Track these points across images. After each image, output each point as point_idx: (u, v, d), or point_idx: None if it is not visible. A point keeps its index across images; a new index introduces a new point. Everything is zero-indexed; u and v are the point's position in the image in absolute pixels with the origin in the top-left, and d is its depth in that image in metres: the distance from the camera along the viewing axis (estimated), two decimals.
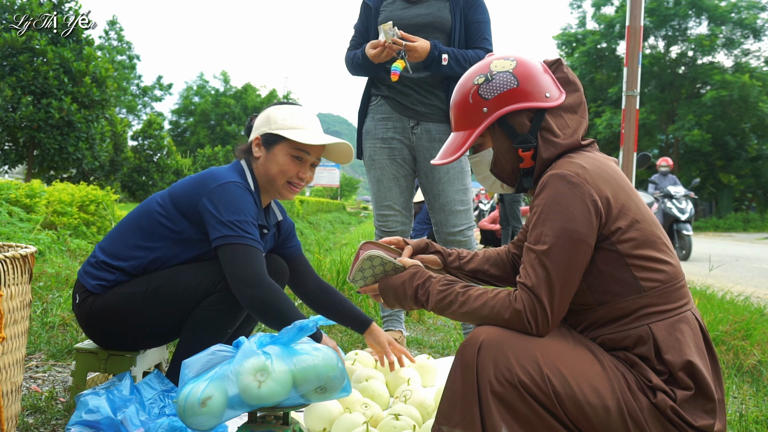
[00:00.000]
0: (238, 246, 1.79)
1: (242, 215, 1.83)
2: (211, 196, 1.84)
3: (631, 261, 1.32)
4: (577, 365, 1.27)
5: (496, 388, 1.24)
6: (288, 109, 2.01)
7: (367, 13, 2.80)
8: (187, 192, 1.90)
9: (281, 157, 1.97)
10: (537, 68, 1.45)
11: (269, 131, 1.97)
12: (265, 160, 1.98)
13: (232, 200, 1.83)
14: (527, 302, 1.29)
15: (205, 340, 1.82)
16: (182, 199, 1.90)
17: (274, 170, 1.97)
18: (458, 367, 1.29)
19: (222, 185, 1.86)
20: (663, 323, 1.31)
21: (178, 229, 1.90)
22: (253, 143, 2.01)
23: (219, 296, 1.84)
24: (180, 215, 1.89)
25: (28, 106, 12.53)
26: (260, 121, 2.02)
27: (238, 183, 1.89)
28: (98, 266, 1.92)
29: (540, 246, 1.30)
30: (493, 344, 1.26)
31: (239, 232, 1.80)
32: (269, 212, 2.12)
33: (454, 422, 1.27)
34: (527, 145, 1.42)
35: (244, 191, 1.88)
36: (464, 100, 1.45)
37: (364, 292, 1.59)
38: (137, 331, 1.90)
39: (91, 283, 1.90)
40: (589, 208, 1.30)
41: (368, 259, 1.53)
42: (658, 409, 1.26)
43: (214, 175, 1.91)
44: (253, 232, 1.83)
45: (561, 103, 1.43)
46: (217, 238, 1.80)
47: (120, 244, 1.93)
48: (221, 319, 1.85)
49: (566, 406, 1.24)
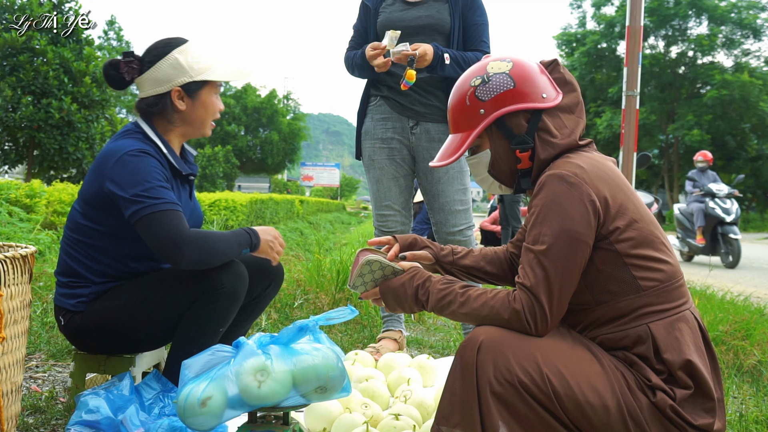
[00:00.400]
0: (149, 217, 1.73)
1: (146, 183, 1.75)
2: (111, 176, 1.77)
3: (630, 260, 1.32)
4: (577, 365, 1.27)
5: (496, 388, 1.24)
6: (192, 50, 1.91)
7: (366, 14, 2.80)
8: (91, 186, 1.84)
9: (208, 99, 1.93)
10: (533, 69, 1.45)
11: (192, 80, 1.89)
12: (192, 109, 1.92)
13: (130, 173, 1.76)
14: (526, 302, 1.29)
15: (197, 340, 1.82)
16: (91, 196, 1.84)
17: (204, 114, 1.94)
18: (458, 367, 1.29)
19: (117, 161, 1.78)
20: (662, 322, 1.31)
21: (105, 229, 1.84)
22: (172, 98, 1.89)
23: (209, 296, 1.83)
24: (99, 213, 1.83)
25: (28, 106, 12.52)
26: (168, 72, 1.88)
27: (133, 151, 1.80)
28: (68, 287, 1.87)
29: (538, 246, 1.31)
30: (492, 344, 1.27)
31: (147, 202, 1.73)
32: (186, 153, 2.05)
33: (453, 422, 1.27)
34: (524, 146, 1.43)
35: (143, 157, 1.79)
36: (461, 102, 1.46)
37: (365, 297, 1.59)
38: (131, 339, 1.89)
39: (71, 303, 1.86)
40: (587, 208, 1.30)
41: (367, 264, 1.53)
42: (658, 408, 1.26)
43: (108, 154, 1.82)
44: (162, 195, 1.76)
45: (558, 104, 1.44)
46: (130, 216, 1.75)
47: (73, 262, 1.87)
48: (212, 319, 1.84)
49: (566, 406, 1.24)
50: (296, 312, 3.63)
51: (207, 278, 1.82)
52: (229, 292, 1.84)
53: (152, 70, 1.88)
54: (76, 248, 1.87)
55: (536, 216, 1.34)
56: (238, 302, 1.89)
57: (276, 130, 38.21)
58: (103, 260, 1.86)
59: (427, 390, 2.18)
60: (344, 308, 1.60)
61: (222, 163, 29.85)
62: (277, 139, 37.88)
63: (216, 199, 11.13)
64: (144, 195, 1.74)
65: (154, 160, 1.82)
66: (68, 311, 1.87)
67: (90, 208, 1.85)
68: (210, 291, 1.82)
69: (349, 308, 1.60)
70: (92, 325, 1.84)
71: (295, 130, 39.19)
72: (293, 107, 42.04)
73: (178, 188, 1.95)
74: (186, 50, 1.91)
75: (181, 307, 1.83)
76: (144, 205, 1.73)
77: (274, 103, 39.40)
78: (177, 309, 1.83)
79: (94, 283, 1.86)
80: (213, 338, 1.86)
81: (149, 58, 1.90)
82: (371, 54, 2.57)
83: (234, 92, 40.36)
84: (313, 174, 42.78)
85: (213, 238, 1.79)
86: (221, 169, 29.45)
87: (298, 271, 4.40)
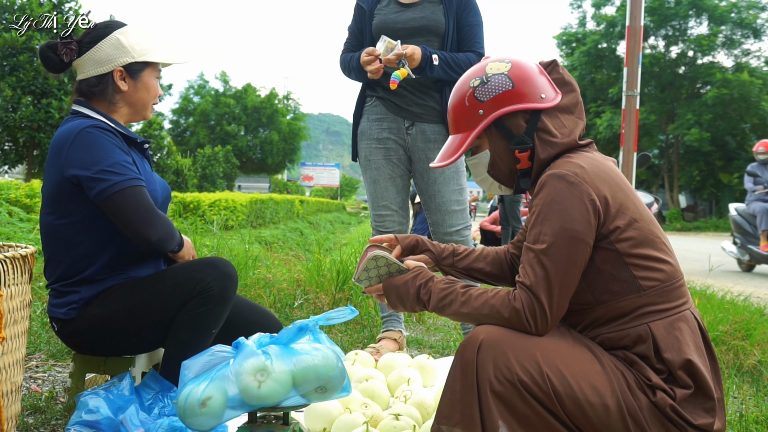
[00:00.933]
0: (116, 195, 1.72)
1: (108, 159, 1.74)
2: (69, 159, 1.76)
3: (630, 260, 1.32)
4: (577, 364, 1.27)
5: (496, 387, 1.24)
6: (133, 31, 1.90)
7: (361, 16, 2.80)
8: (52, 180, 1.81)
9: (150, 81, 1.92)
10: (532, 70, 1.46)
11: (134, 60, 1.87)
12: (134, 90, 1.90)
13: (89, 150, 1.75)
14: (526, 301, 1.29)
15: (190, 343, 1.80)
16: (54, 190, 1.81)
17: (146, 96, 1.93)
18: (458, 366, 1.30)
19: (72, 143, 1.76)
20: (662, 322, 1.32)
21: (74, 219, 1.81)
22: (114, 78, 1.87)
23: (199, 300, 1.81)
24: (64, 204, 1.81)
25: (28, 106, 12.52)
26: (110, 52, 1.85)
27: (86, 128, 1.78)
28: (59, 295, 1.85)
29: (539, 245, 1.31)
30: (492, 343, 1.27)
31: (112, 179, 1.72)
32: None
33: (453, 421, 1.27)
34: (523, 146, 1.43)
35: (97, 133, 1.78)
36: (460, 103, 1.47)
37: (368, 292, 1.59)
38: (124, 344, 1.88)
39: (62, 311, 1.83)
40: (588, 208, 1.30)
41: (373, 259, 1.54)
42: (658, 407, 1.26)
43: (61, 140, 1.80)
44: (125, 171, 1.76)
45: (557, 104, 1.44)
46: (96, 195, 1.73)
47: (54, 263, 1.85)
48: (205, 321, 1.83)
49: (566, 405, 1.24)
50: (296, 312, 3.64)
51: (196, 281, 1.80)
52: (218, 294, 1.82)
53: (93, 50, 1.86)
54: (54, 249, 1.84)
55: (537, 215, 1.34)
56: (228, 303, 1.87)
57: (276, 130, 38.22)
58: (79, 251, 1.82)
59: (427, 390, 2.18)
60: (344, 308, 1.59)
61: (222, 163, 29.82)
62: (277, 139, 37.89)
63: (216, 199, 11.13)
64: (108, 171, 1.73)
65: (109, 133, 1.81)
66: (60, 320, 1.84)
67: (56, 204, 1.82)
68: (199, 294, 1.80)
69: (349, 308, 1.60)
70: (85, 332, 1.82)
71: (295, 130, 39.20)
72: (293, 107, 42.04)
73: (141, 161, 1.93)
74: (127, 31, 1.89)
75: (171, 311, 1.81)
76: (109, 183, 1.72)
77: (274, 103, 39.41)
78: (167, 313, 1.82)
79: (82, 284, 1.83)
80: (206, 341, 1.84)
81: (88, 39, 1.88)
82: (365, 59, 2.58)
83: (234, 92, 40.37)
84: (313, 174, 42.80)
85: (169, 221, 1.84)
86: (221, 169, 29.43)
87: (298, 271, 4.40)
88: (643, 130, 26.12)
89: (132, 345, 1.90)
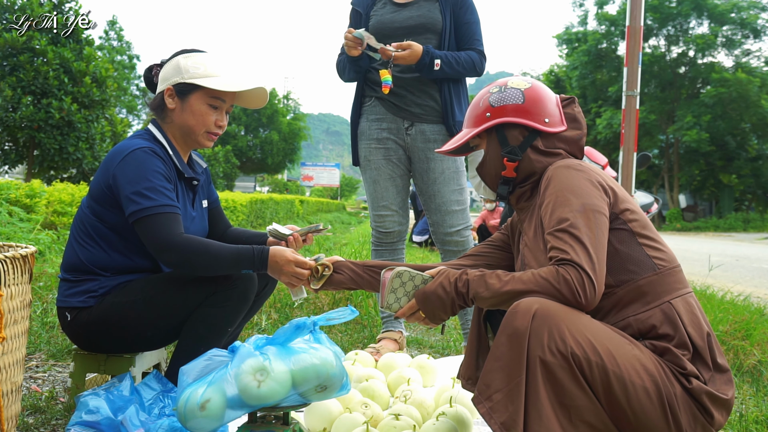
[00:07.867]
0: (144, 219, 1.77)
1: (146, 181, 1.79)
2: (115, 173, 1.82)
3: (642, 240, 1.42)
4: (621, 346, 1.31)
5: (548, 358, 1.25)
6: (198, 57, 1.95)
7: (357, 19, 2.80)
8: (98, 182, 1.88)
9: (198, 107, 1.93)
10: (548, 96, 1.59)
11: (182, 81, 1.91)
12: (180, 110, 1.93)
13: (133, 170, 1.80)
14: (573, 273, 1.33)
15: (206, 338, 1.83)
16: (97, 192, 1.87)
17: (192, 121, 1.93)
18: (505, 334, 1.29)
19: (123, 159, 1.83)
20: (680, 300, 1.39)
21: (110, 224, 1.87)
22: (164, 95, 1.93)
23: (221, 295, 1.83)
24: (104, 208, 1.86)
25: (28, 106, 12.49)
26: (169, 71, 1.94)
27: (140, 149, 1.84)
28: (76, 284, 1.88)
29: (564, 224, 1.38)
30: (548, 314, 1.28)
31: (144, 204, 1.77)
32: (193, 163, 2.07)
33: (495, 388, 1.28)
34: (512, 156, 1.56)
35: (148, 155, 1.83)
36: (476, 103, 1.63)
37: (401, 315, 1.58)
38: (137, 336, 1.89)
39: (79, 299, 1.86)
40: (598, 186, 1.44)
41: (397, 276, 1.55)
42: (693, 395, 1.31)
43: (116, 151, 1.86)
44: (160, 197, 1.79)
45: (557, 132, 1.56)
46: (130, 216, 1.79)
47: (81, 255, 1.88)
48: (223, 316, 1.85)
49: (612, 384, 1.26)
50: (296, 312, 3.63)
51: (219, 277, 1.84)
52: (240, 292, 1.85)
53: (162, 70, 1.98)
54: (84, 242, 1.89)
55: (553, 203, 1.42)
56: (247, 303, 1.90)
57: (276, 130, 38.18)
58: (109, 253, 1.88)
59: (427, 390, 2.18)
60: (344, 308, 1.60)
61: (222, 163, 29.81)
62: (277, 139, 37.86)
63: None
64: (142, 194, 1.78)
65: (159, 159, 1.86)
66: (75, 308, 1.86)
67: (96, 204, 1.88)
68: (222, 290, 1.83)
69: (349, 308, 1.60)
70: (100, 321, 1.84)
71: (295, 130, 39.17)
72: (293, 107, 42.00)
73: (184, 193, 1.97)
74: (191, 56, 1.96)
75: (190, 304, 1.84)
76: (140, 207, 1.77)
77: (274, 103, 39.38)
78: (187, 306, 1.84)
79: (103, 276, 1.87)
80: (220, 337, 1.86)
81: (165, 61, 2.00)
82: (346, 35, 2.61)
83: None
84: (313, 174, 42.76)
85: (204, 248, 1.78)
86: (221, 169, 29.42)
87: None
88: (643, 130, 26.12)
89: (141, 339, 1.91)
